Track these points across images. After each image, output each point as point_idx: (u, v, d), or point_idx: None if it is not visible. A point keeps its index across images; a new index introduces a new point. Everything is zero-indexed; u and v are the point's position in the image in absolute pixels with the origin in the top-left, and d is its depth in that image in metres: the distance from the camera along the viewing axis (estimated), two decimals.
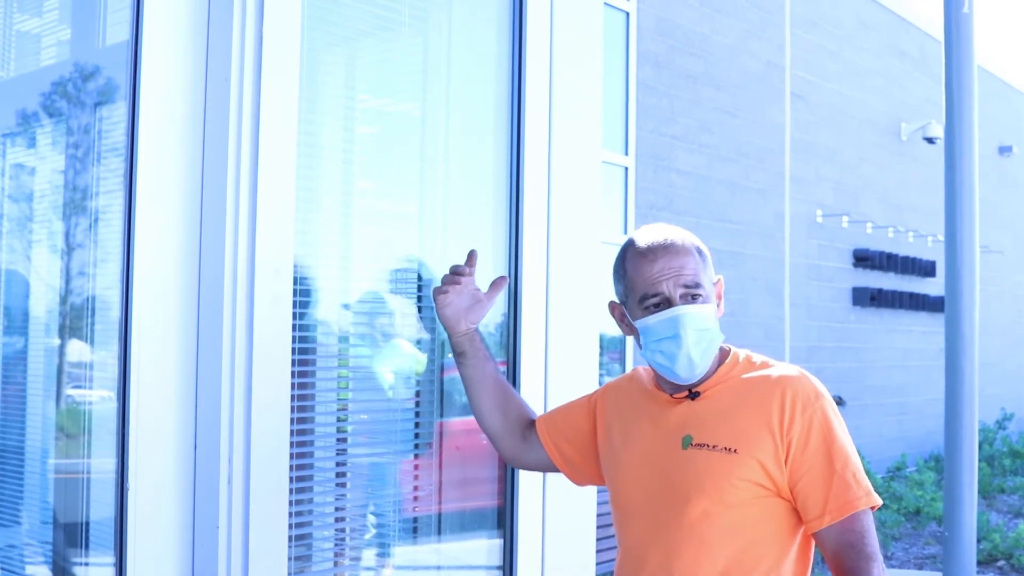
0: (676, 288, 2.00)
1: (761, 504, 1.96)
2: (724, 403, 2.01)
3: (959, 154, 5.45)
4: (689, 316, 1.99)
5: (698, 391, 2.04)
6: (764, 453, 1.94)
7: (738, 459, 1.94)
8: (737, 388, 2.02)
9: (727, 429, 1.97)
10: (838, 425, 1.97)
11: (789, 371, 2.02)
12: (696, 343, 1.99)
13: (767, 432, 1.94)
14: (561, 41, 3.14)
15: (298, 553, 2.61)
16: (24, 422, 2.82)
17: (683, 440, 2.01)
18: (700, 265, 2.03)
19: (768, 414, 1.95)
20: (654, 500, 2.03)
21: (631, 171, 7.92)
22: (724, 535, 1.95)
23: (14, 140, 2.95)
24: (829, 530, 1.93)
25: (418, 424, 3.10)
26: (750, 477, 1.94)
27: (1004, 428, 13.29)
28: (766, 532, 1.97)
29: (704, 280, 2.03)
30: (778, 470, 1.94)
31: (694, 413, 2.03)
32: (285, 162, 2.53)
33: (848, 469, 1.94)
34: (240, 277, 2.45)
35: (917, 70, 11.96)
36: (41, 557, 2.77)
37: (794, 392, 1.96)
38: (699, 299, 2.00)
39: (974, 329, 5.41)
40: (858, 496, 1.93)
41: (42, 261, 2.85)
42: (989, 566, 7.45)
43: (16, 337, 2.86)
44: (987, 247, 12.17)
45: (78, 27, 2.96)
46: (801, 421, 1.94)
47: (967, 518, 5.32)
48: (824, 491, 1.93)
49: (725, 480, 1.94)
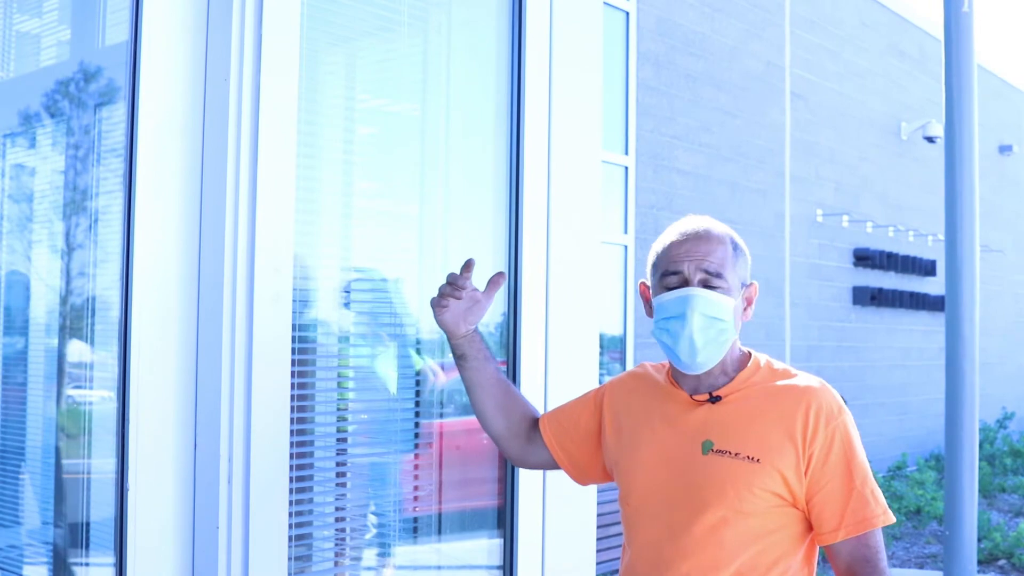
0: (696, 272, 1.99)
1: (777, 513, 1.96)
2: (747, 410, 2.00)
3: (959, 153, 5.45)
4: (699, 298, 1.97)
5: (719, 395, 2.02)
6: (786, 464, 1.94)
7: (760, 469, 1.94)
8: (760, 396, 2.01)
9: (750, 438, 1.96)
10: (857, 441, 1.98)
11: (813, 382, 2.01)
12: (702, 328, 1.97)
13: (790, 443, 1.94)
14: (561, 41, 3.14)
15: (298, 553, 2.61)
16: (24, 422, 2.82)
17: (703, 445, 1.99)
18: (730, 258, 2.01)
19: (792, 425, 1.95)
20: (672, 503, 2.01)
21: (631, 171, 7.92)
22: (740, 541, 1.95)
23: (14, 140, 2.95)
24: (843, 545, 1.95)
25: (418, 424, 3.10)
26: (770, 488, 1.94)
27: (1005, 427, 13.29)
28: (779, 538, 1.97)
29: (728, 273, 2.01)
30: (798, 482, 1.94)
31: (716, 418, 2.01)
32: (284, 162, 2.53)
33: (867, 486, 1.95)
34: (240, 277, 2.45)
35: (917, 69, 11.96)
36: (41, 557, 2.77)
37: (819, 405, 1.96)
38: (718, 289, 1.98)
39: (974, 328, 5.41)
40: (876, 514, 1.94)
41: (42, 261, 2.85)
42: (990, 565, 7.45)
43: (16, 337, 2.86)
44: (987, 246, 12.18)
45: (78, 27, 2.97)
46: (824, 434, 1.94)
47: (968, 517, 5.32)
48: (842, 506, 1.93)
49: (746, 489, 1.94)
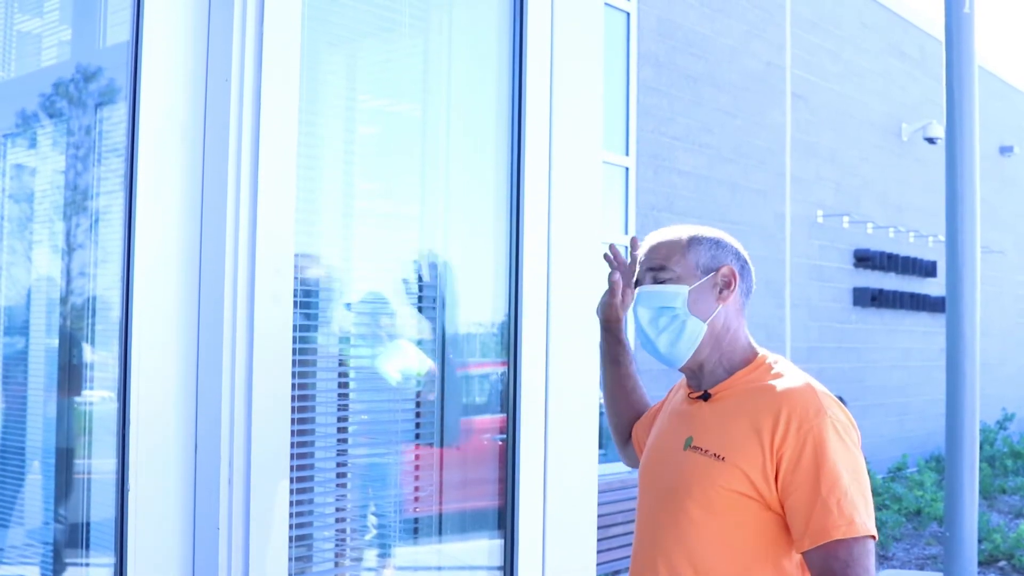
0: (645, 274, 2.06)
1: (746, 515, 1.91)
2: (726, 409, 1.99)
3: (960, 154, 5.45)
4: (642, 294, 2.04)
5: (710, 393, 2.03)
6: (750, 464, 1.89)
7: (723, 467, 1.91)
8: (741, 395, 1.99)
9: (720, 435, 1.95)
10: (835, 446, 1.86)
11: (795, 383, 1.94)
12: (651, 321, 2.01)
13: (756, 443, 1.89)
14: (562, 42, 3.14)
15: (299, 554, 2.61)
16: (24, 422, 2.82)
17: (686, 441, 2.01)
18: (678, 251, 2.02)
19: (760, 426, 1.90)
20: (656, 496, 2.03)
21: (632, 172, 7.92)
22: (711, 544, 1.92)
23: (15, 140, 2.95)
24: (811, 554, 1.86)
25: (419, 424, 3.10)
26: (733, 487, 1.90)
27: (1005, 428, 13.29)
28: (754, 546, 1.92)
29: (677, 263, 2.01)
30: (765, 483, 1.88)
31: (700, 415, 2.02)
32: (285, 162, 2.53)
33: (834, 495, 1.83)
34: (240, 277, 2.44)
35: (918, 70, 11.96)
36: (42, 557, 2.77)
37: (792, 407, 1.89)
38: (665, 281, 2.02)
39: (975, 329, 5.41)
40: (837, 525, 1.82)
41: (43, 261, 2.85)
42: (990, 566, 7.44)
43: (17, 338, 2.86)
44: (988, 247, 12.17)
45: (79, 27, 2.97)
46: (796, 438, 1.86)
47: (968, 518, 5.31)
48: (806, 514, 1.85)
49: (711, 486, 1.92)
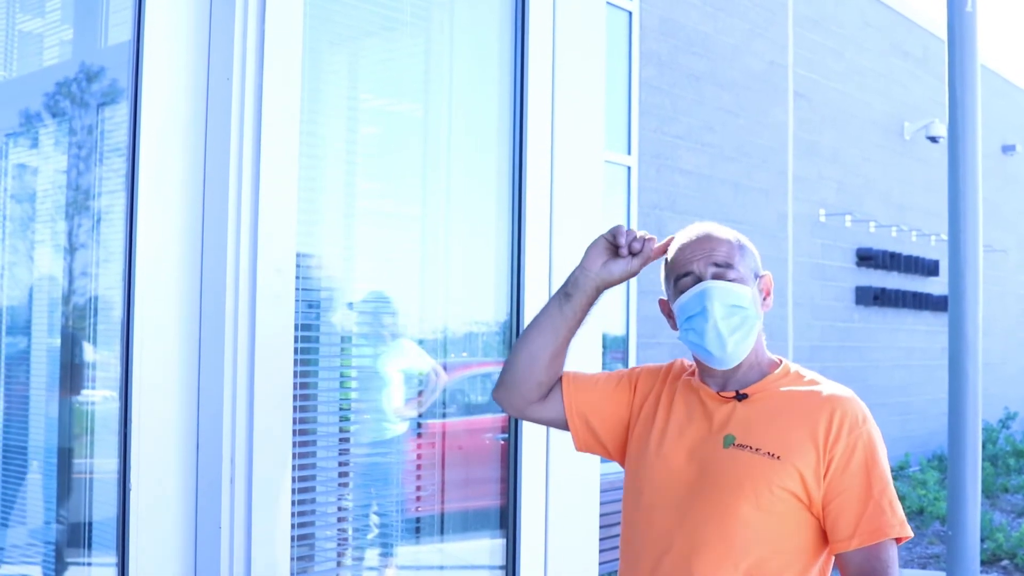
0: (707, 266, 2.00)
1: (792, 516, 1.95)
2: (771, 409, 2.00)
3: (962, 153, 5.44)
4: (716, 289, 1.97)
5: (745, 393, 2.03)
6: (805, 464, 1.93)
7: (779, 466, 1.93)
8: (785, 397, 2.01)
9: (772, 435, 1.96)
10: (881, 451, 1.97)
11: (840, 390, 2.01)
12: (724, 317, 1.97)
13: (811, 444, 1.94)
14: (564, 41, 3.14)
15: (300, 553, 2.61)
16: (26, 422, 2.82)
17: (725, 439, 2.00)
18: (736, 252, 2.02)
19: (815, 427, 1.94)
20: (689, 495, 2.00)
21: (634, 171, 7.92)
22: (751, 540, 1.93)
23: (17, 140, 2.95)
24: (855, 554, 1.92)
25: (420, 424, 3.10)
26: (788, 486, 1.93)
27: (1008, 427, 13.27)
28: (791, 546, 1.95)
29: (739, 264, 2.02)
30: (816, 484, 1.93)
31: (739, 414, 2.01)
32: (287, 162, 2.53)
33: (885, 496, 1.93)
34: (242, 276, 2.45)
35: (920, 69, 11.94)
36: (44, 557, 2.77)
37: (843, 411, 1.96)
38: (733, 279, 1.99)
39: (977, 328, 5.40)
40: (891, 524, 1.91)
41: (45, 261, 2.85)
42: (992, 566, 7.44)
43: (19, 337, 2.86)
44: (990, 246, 12.16)
45: (80, 27, 2.97)
46: (847, 440, 1.93)
47: (971, 517, 5.31)
48: (858, 513, 1.92)
49: (764, 485, 1.93)
